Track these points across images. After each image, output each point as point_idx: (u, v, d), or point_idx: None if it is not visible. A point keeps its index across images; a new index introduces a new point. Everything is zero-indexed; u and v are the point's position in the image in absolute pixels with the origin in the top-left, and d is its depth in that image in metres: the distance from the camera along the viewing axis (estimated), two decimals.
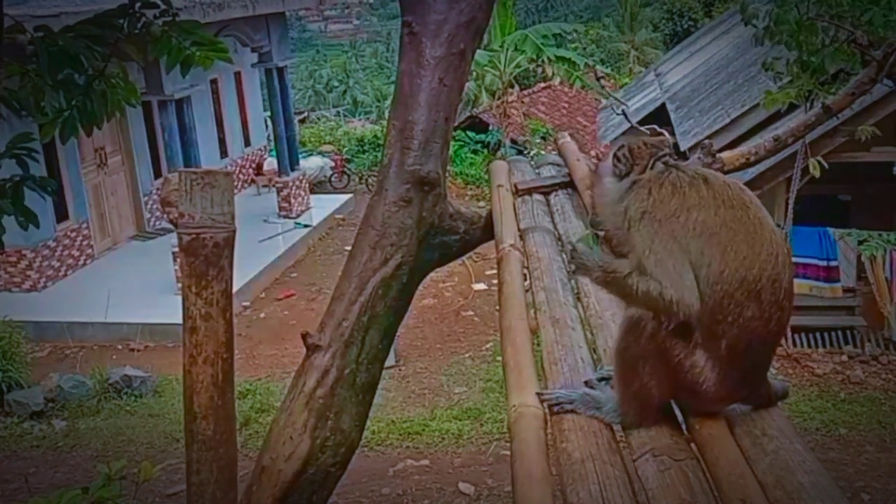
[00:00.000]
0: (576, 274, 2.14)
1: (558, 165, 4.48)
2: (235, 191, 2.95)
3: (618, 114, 13.70)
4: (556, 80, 21.11)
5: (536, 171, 4.57)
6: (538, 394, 2.12)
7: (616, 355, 2.07)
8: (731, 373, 1.94)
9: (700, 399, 1.99)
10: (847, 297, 11.02)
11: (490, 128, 20.11)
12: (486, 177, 8.59)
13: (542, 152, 15.88)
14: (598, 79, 17.15)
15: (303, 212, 16.77)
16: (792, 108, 7.75)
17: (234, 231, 2.60)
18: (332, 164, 19.43)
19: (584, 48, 28.28)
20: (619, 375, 2.05)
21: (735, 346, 1.92)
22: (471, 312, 12.74)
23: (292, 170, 16.70)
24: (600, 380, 2.19)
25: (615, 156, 2.10)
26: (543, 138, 18.81)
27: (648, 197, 2.01)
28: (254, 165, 19.10)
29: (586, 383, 2.19)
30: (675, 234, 1.95)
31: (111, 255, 14.78)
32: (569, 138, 4.93)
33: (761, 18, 5.50)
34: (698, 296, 1.90)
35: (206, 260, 2.54)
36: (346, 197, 18.22)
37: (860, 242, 10.53)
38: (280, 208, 16.57)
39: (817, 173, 6.18)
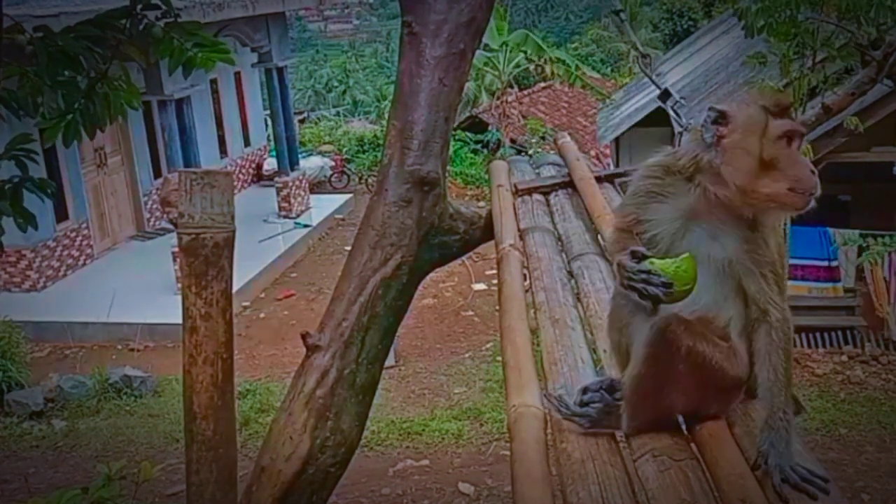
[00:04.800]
0: None
1: (558, 165, 4.49)
2: (235, 191, 2.94)
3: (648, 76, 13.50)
4: (557, 82, 21.11)
5: (536, 171, 4.58)
6: (545, 395, 2.09)
7: (634, 381, 1.90)
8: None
9: (729, 392, 1.92)
10: (847, 297, 11.01)
11: (490, 128, 20.12)
12: (487, 177, 8.58)
13: (540, 150, 15.86)
14: (643, 56, 16.01)
15: (303, 212, 16.77)
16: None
17: (233, 231, 2.60)
18: (332, 164, 19.43)
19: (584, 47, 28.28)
20: (639, 399, 1.92)
21: None
22: (471, 312, 12.73)
23: (292, 170, 16.70)
24: (597, 390, 2.06)
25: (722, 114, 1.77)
26: (543, 138, 18.82)
27: None
28: (254, 165, 19.11)
29: (584, 390, 2.05)
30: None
31: (111, 255, 14.78)
32: (569, 138, 4.94)
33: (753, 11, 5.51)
34: None
35: (205, 260, 2.54)
36: (345, 197, 18.22)
37: (860, 250, 10.49)
38: (280, 208, 16.57)
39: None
